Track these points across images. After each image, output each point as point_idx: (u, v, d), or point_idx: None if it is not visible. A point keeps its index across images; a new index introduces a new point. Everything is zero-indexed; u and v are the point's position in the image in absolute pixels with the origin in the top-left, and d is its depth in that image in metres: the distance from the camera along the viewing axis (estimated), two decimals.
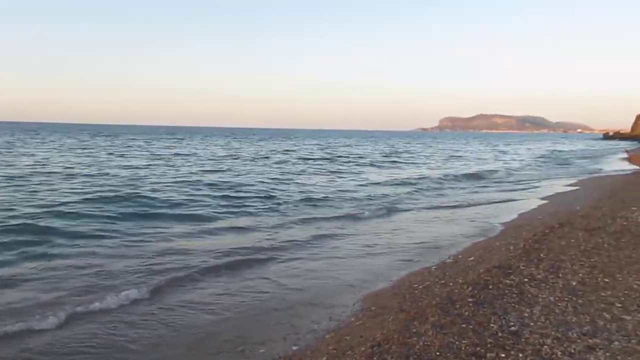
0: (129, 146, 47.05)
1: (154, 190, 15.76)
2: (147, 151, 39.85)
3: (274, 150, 46.83)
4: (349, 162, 33.58)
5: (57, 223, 10.44)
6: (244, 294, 6.56)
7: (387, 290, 6.48)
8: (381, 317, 5.29)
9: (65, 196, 14.04)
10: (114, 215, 11.45)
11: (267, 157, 35.73)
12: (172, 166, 26.01)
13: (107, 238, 9.41)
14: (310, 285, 6.91)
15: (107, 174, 20.79)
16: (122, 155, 33.47)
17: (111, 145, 47.35)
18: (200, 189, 16.60)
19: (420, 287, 6.28)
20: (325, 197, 15.54)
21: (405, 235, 10.29)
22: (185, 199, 14.15)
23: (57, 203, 12.80)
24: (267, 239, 9.71)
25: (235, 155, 37.68)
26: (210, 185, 17.74)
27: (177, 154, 36.53)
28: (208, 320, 5.69)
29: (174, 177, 20.07)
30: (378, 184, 20.16)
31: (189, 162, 29.59)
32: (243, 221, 11.51)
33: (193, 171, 23.40)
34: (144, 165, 26.04)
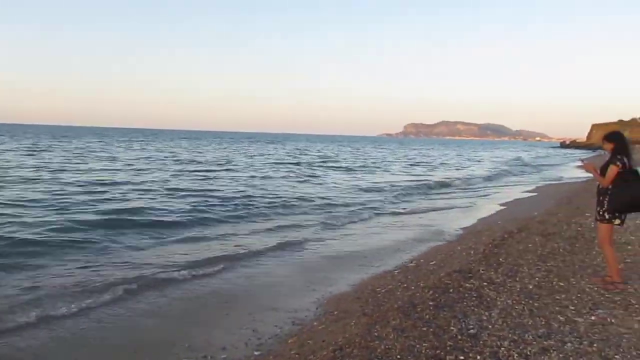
0: (88, 149, 45.80)
1: (112, 197, 15.37)
2: (107, 154, 38.90)
3: (239, 154, 46.50)
4: (315, 167, 33.65)
5: (3, 231, 9.91)
6: (206, 300, 6.48)
7: (350, 294, 6.52)
8: (344, 321, 5.31)
9: (20, 203, 13.47)
10: (70, 222, 10.93)
11: (232, 161, 35.42)
12: (134, 170, 25.40)
13: (62, 246, 8.99)
14: (273, 291, 6.88)
15: (62, 178, 20.05)
16: (79, 159, 32.47)
17: (67, 149, 45.96)
18: (164, 195, 16.27)
19: (383, 291, 6.34)
20: (291, 202, 15.48)
21: (370, 240, 10.38)
22: (146, 206, 13.76)
23: (9, 211, 12.14)
24: (231, 245, 9.61)
25: (200, 160, 37.15)
26: (174, 190, 17.39)
27: (139, 158, 35.78)
28: (169, 326, 5.59)
29: (136, 183, 19.56)
30: (345, 189, 20.25)
31: (152, 165, 29.02)
32: (207, 228, 11.30)
33: (157, 176, 22.95)
34: (101, 169, 25.21)
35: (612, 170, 5.68)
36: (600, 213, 5.89)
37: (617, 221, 5.82)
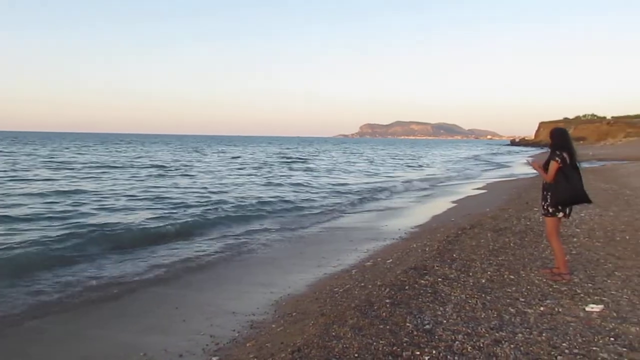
0: (35, 154, 43.98)
1: (65, 209, 14.78)
2: (56, 160, 37.41)
3: (198, 158, 45.76)
4: (276, 168, 33.49)
5: None
6: (161, 308, 6.34)
7: (308, 295, 6.53)
8: (302, 322, 5.31)
9: None
10: (14, 234, 10.31)
11: (190, 165, 34.78)
12: (81, 177, 24.49)
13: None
14: (231, 295, 6.80)
15: (10, 186, 19.17)
16: (25, 165, 31.03)
17: (12, 155, 43.99)
18: (119, 202, 15.76)
19: (341, 290, 6.38)
20: (249, 206, 15.33)
21: (328, 240, 10.44)
22: (99, 215, 13.27)
23: None
24: (187, 251, 9.49)
25: (157, 164, 36.24)
26: (130, 197, 16.87)
27: (87, 163, 34.55)
28: (123, 336, 5.43)
29: (87, 191, 18.78)
30: (304, 191, 20.27)
31: (104, 171, 28.10)
32: (164, 234, 10.99)
33: (111, 183, 22.26)
34: (47, 176, 23.67)
35: (553, 166, 5.96)
36: (545, 207, 6.14)
37: (561, 214, 6.08)
